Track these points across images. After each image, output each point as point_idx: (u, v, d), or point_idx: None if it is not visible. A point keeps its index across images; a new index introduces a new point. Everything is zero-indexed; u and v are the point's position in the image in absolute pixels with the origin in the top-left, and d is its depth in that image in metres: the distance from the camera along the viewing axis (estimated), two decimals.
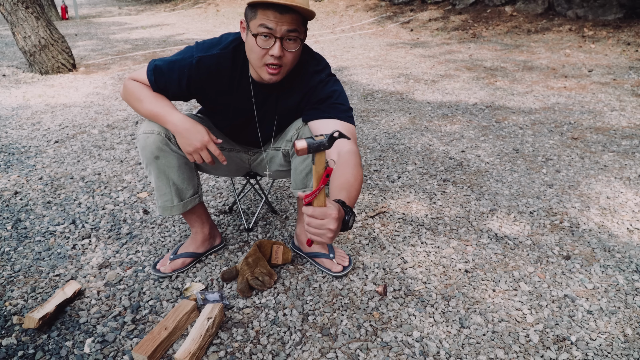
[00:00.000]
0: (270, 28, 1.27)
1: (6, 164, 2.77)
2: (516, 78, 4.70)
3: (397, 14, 9.26)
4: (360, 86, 4.55)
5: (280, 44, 1.29)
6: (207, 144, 1.42)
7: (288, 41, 1.31)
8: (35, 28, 4.92)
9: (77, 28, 9.79)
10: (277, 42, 1.29)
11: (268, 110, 1.57)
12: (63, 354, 1.39)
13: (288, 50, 1.32)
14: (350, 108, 1.46)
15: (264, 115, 1.58)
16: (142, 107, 1.47)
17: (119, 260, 1.85)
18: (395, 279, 1.71)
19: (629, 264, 1.77)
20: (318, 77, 1.46)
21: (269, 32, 1.28)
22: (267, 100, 1.54)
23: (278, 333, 1.46)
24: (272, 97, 1.53)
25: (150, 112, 1.46)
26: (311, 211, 1.01)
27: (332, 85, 1.47)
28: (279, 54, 1.31)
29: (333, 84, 1.47)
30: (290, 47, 1.32)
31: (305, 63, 1.47)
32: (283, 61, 1.34)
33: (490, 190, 2.38)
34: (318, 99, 1.46)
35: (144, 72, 1.47)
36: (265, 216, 2.16)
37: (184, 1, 14.81)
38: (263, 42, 1.30)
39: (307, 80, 1.47)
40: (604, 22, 6.72)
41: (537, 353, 1.37)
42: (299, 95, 1.50)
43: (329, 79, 1.48)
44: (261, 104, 1.55)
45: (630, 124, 3.28)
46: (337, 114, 1.42)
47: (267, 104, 1.55)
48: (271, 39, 1.29)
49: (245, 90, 1.50)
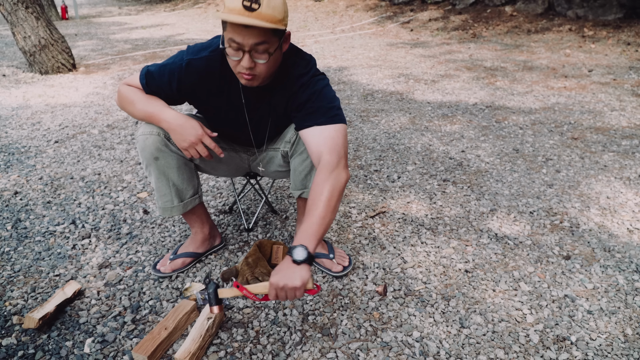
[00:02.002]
0: (238, 42, 1.26)
1: (6, 164, 2.77)
2: (516, 78, 4.70)
3: (397, 14, 9.26)
4: (360, 86, 4.55)
5: (249, 56, 1.29)
6: (202, 137, 1.42)
7: (257, 53, 1.29)
8: (35, 28, 4.92)
9: (77, 28, 9.79)
10: (246, 55, 1.28)
11: (261, 112, 1.56)
12: (63, 354, 1.39)
13: (258, 61, 1.31)
14: (333, 106, 1.42)
15: (257, 117, 1.58)
16: (136, 109, 1.47)
17: (119, 260, 1.85)
18: (395, 279, 1.71)
19: (629, 264, 1.77)
20: (300, 81, 1.44)
21: (237, 45, 1.27)
22: (259, 102, 1.53)
23: (278, 333, 1.46)
24: (263, 99, 1.52)
25: (144, 112, 1.46)
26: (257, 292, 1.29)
27: (314, 86, 1.43)
28: (249, 66, 1.30)
29: (315, 84, 1.44)
30: (259, 59, 1.30)
31: (291, 66, 1.45)
32: (256, 71, 1.33)
33: (490, 190, 2.38)
34: (298, 104, 1.44)
35: (136, 77, 1.49)
36: (265, 216, 2.17)
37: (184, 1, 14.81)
38: (233, 54, 1.30)
39: (291, 85, 1.45)
40: (604, 22, 6.72)
41: (537, 353, 1.37)
42: (284, 98, 1.49)
43: (311, 81, 1.44)
44: (252, 106, 1.54)
45: (630, 124, 3.28)
46: (316, 120, 1.39)
47: (259, 106, 1.54)
48: (240, 51, 1.29)
49: (235, 93, 1.50)
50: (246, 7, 1.20)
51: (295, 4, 11.18)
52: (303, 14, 10.35)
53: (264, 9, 1.21)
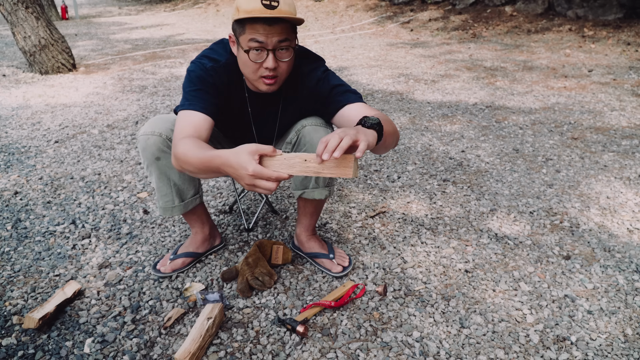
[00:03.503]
0: (261, 41, 1.26)
1: (6, 164, 2.77)
2: (516, 78, 4.70)
3: (397, 14, 9.26)
4: (360, 86, 4.55)
5: (273, 56, 1.29)
6: (257, 173, 1.06)
7: (280, 51, 1.30)
8: (35, 28, 4.92)
9: (77, 28, 9.79)
10: (270, 54, 1.28)
11: (267, 118, 1.57)
12: (63, 354, 1.39)
13: (281, 60, 1.31)
14: (349, 87, 1.46)
15: (263, 123, 1.59)
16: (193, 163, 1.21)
17: (119, 260, 1.85)
18: (395, 279, 1.71)
19: (629, 264, 1.77)
20: (315, 76, 1.46)
21: (260, 45, 1.27)
22: (266, 109, 1.54)
23: (278, 333, 1.46)
24: (270, 105, 1.53)
25: (201, 161, 1.20)
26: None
27: (327, 77, 1.46)
28: (274, 66, 1.30)
29: (328, 75, 1.47)
30: (283, 57, 1.31)
31: (298, 66, 1.46)
32: (278, 71, 1.33)
33: (490, 190, 2.38)
34: (323, 98, 1.45)
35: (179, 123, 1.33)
36: (265, 216, 2.17)
37: (184, 1, 14.81)
38: (256, 56, 1.29)
39: (306, 82, 1.47)
40: (604, 22, 6.72)
41: (537, 353, 1.37)
42: (300, 97, 1.50)
43: (325, 75, 1.47)
44: (258, 114, 1.55)
45: (630, 124, 3.28)
46: (347, 100, 1.41)
47: (266, 113, 1.55)
48: (263, 52, 1.28)
49: (241, 102, 1.51)
50: (266, 6, 1.21)
51: (295, 4, 11.18)
52: (303, 14, 10.35)
53: (282, 5, 1.23)
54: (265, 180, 1.06)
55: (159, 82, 4.85)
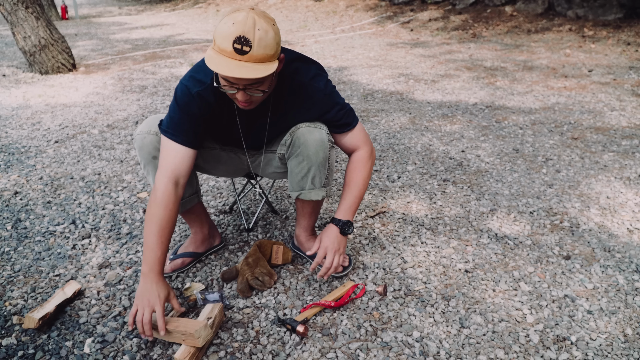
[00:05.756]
0: (231, 82, 1.26)
1: (6, 164, 2.77)
2: (516, 78, 4.70)
3: (397, 14, 9.26)
4: (360, 86, 4.55)
5: (243, 91, 1.28)
6: (153, 306, 1.33)
7: (251, 88, 1.28)
8: (35, 28, 4.92)
9: (77, 28, 9.79)
10: (241, 91, 1.28)
11: (257, 130, 1.58)
12: (63, 354, 1.39)
13: (253, 95, 1.30)
14: (348, 110, 1.57)
15: (252, 133, 1.59)
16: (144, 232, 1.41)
17: (119, 260, 1.85)
18: (395, 279, 1.71)
19: (629, 264, 1.77)
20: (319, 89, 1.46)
21: (230, 85, 1.27)
22: (255, 122, 1.54)
23: (278, 333, 1.46)
24: (259, 117, 1.52)
25: (144, 242, 1.40)
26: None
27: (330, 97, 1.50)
28: (244, 99, 1.30)
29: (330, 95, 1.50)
30: (255, 93, 1.30)
31: (294, 72, 1.43)
32: (252, 100, 1.33)
33: (490, 190, 2.38)
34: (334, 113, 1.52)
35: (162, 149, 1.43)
36: (265, 216, 2.17)
37: (184, 1, 14.81)
38: (228, 89, 1.29)
39: (310, 93, 1.46)
40: (604, 22, 6.72)
41: (537, 353, 1.37)
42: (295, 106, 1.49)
43: (328, 98, 1.49)
44: (248, 125, 1.55)
45: (630, 124, 3.28)
46: (345, 128, 1.56)
47: (255, 127, 1.56)
48: (234, 87, 1.28)
49: (230, 112, 1.50)
50: (237, 50, 1.17)
51: (295, 4, 11.18)
52: (303, 14, 10.35)
53: (255, 50, 1.18)
54: (146, 324, 1.32)
55: (159, 82, 4.85)
